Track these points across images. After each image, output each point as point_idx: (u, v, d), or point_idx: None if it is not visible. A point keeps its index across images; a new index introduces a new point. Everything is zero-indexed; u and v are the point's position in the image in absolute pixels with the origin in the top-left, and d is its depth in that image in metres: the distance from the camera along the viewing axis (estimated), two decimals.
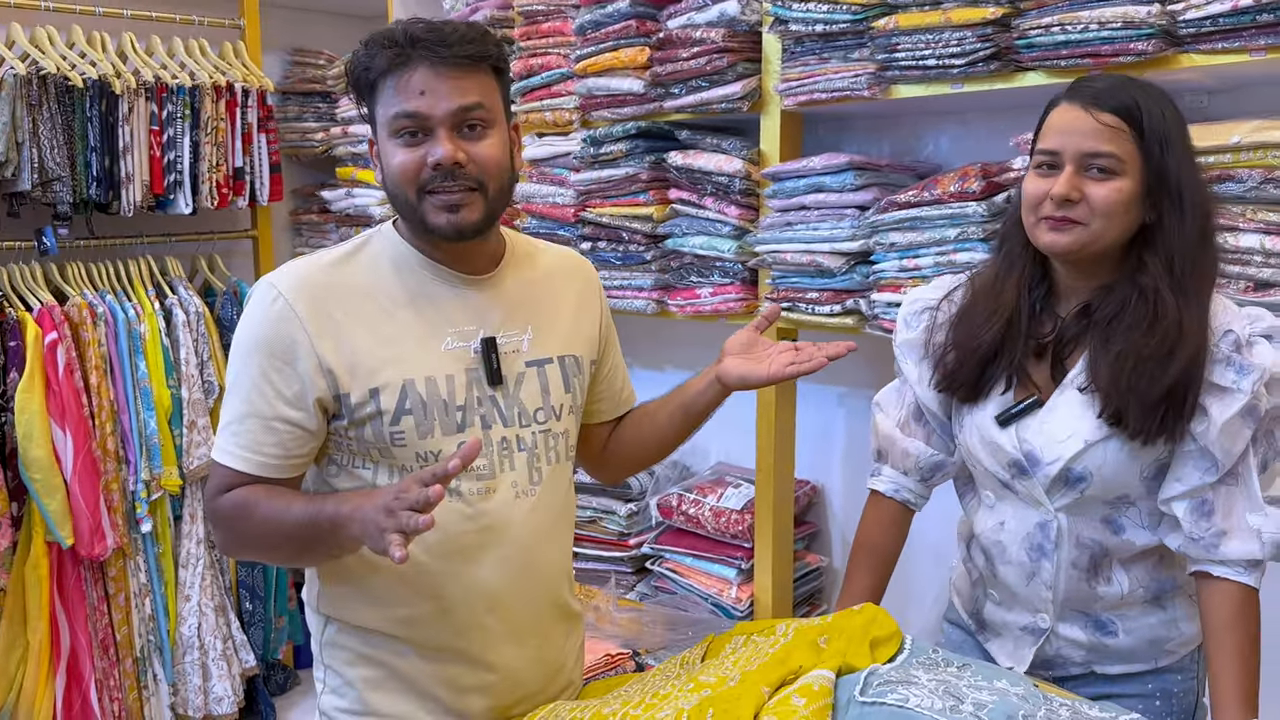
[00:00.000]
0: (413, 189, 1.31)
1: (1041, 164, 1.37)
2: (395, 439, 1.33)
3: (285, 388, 1.32)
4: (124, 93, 2.83)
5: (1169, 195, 1.33)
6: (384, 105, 1.31)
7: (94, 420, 2.76)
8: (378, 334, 1.34)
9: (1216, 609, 1.36)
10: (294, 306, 1.32)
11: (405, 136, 1.30)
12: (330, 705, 1.44)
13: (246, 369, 1.34)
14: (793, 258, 2.18)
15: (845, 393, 2.59)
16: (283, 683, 3.41)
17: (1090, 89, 1.35)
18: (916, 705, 1.12)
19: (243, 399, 1.34)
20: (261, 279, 1.36)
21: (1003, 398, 1.45)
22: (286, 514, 1.30)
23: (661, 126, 2.47)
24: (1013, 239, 1.46)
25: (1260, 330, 1.36)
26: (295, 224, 3.78)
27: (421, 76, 1.28)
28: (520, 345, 1.42)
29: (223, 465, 1.35)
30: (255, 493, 1.33)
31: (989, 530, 1.51)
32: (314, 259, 1.40)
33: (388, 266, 1.39)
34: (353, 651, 1.41)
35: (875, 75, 2.00)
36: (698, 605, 2.55)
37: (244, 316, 1.36)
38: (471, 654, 1.39)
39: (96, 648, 2.82)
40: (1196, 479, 1.36)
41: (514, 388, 1.40)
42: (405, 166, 1.30)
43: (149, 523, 2.88)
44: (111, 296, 2.88)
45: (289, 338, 1.32)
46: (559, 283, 1.51)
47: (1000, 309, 1.43)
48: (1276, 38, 1.55)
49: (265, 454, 1.34)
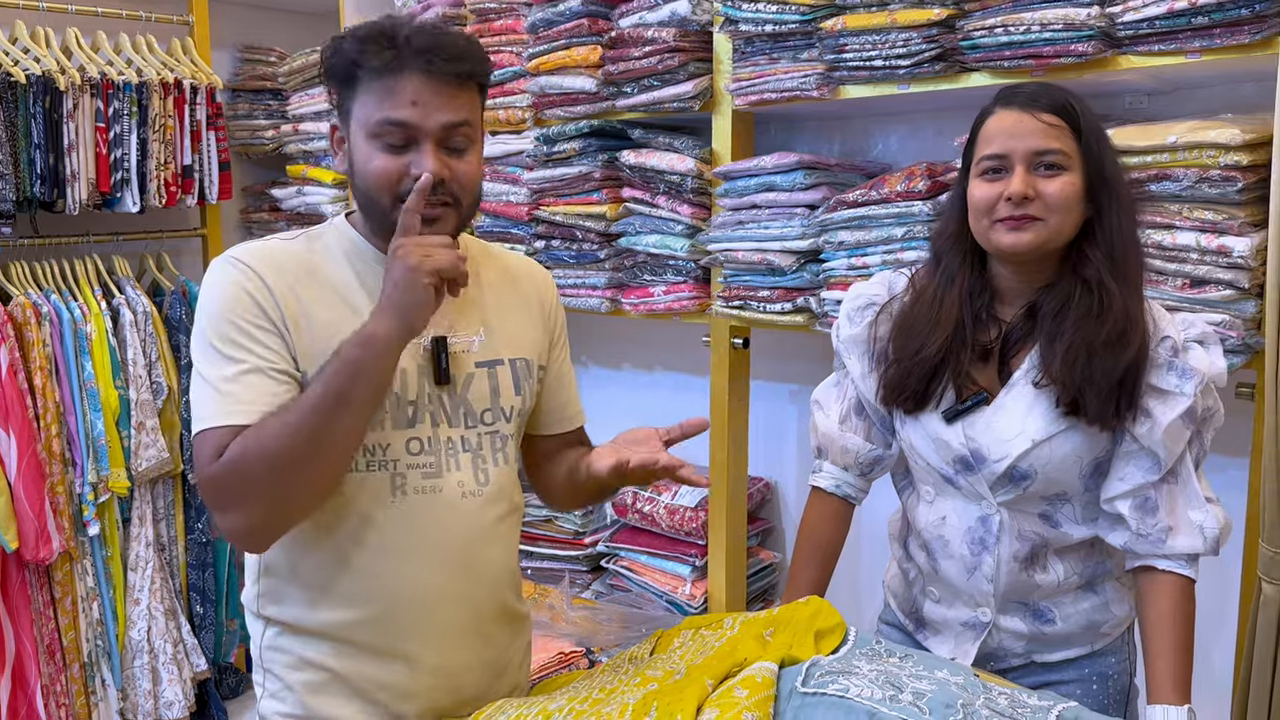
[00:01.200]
0: (389, 197, 1.28)
1: (987, 170, 1.39)
2: None
3: (273, 343, 1.28)
4: (68, 89, 2.79)
5: (1107, 188, 1.37)
6: (367, 105, 1.27)
7: (39, 422, 2.72)
8: (334, 321, 1.31)
9: (1157, 600, 1.40)
10: (263, 277, 1.30)
11: (388, 142, 1.27)
12: (270, 710, 1.42)
13: (227, 331, 1.27)
14: (744, 256, 2.19)
15: (797, 390, 2.61)
16: (235, 686, 3.38)
17: (1024, 93, 1.39)
18: (857, 695, 1.14)
19: (229, 359, 1.27)
20: (220, 257, 1.33)
21: (947, 397, 1.47)
22: (299, 404, 1.22)
23: (614, 125, 2.47)
24: (949, 253, 1.48)
25: (1193, 336, 1.41)
26: (245, 222, 3.73)
27: (415, 86, 1.25)
28: (471, 345, 1.40)
29: (221, 427, 1.24)
30: (248, 430, 1.23)
31: (930, 525, 1.54)
32: (270, 241, 1.37)
33: (342, 259, 1.37)
34: (293, 655, 1.38)
35: (824, 76, 2.02)
36: (652, 603, 2.56)
37: (210, 287, 1.31)
38: (412, 656, 1.37)
39: (43, 653, 2.77)
40: (1140, 478, 1.39)
41: (461, 388, 1.39)
42: (385, 173, 1.27)
43: (96, 525, 2.84)
44: (57, 296, 2.83)
45: (263, 303, 1.29)
46: (513, 287, 1.50)
47: (943, 321, 1.45)
48: (1211, 40, 1.59)
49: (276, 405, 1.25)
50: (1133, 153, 1.66)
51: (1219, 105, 1.85)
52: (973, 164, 1.42)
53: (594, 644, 2.32)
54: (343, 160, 1.35)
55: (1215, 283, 1.63)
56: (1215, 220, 1.61)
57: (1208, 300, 1.63)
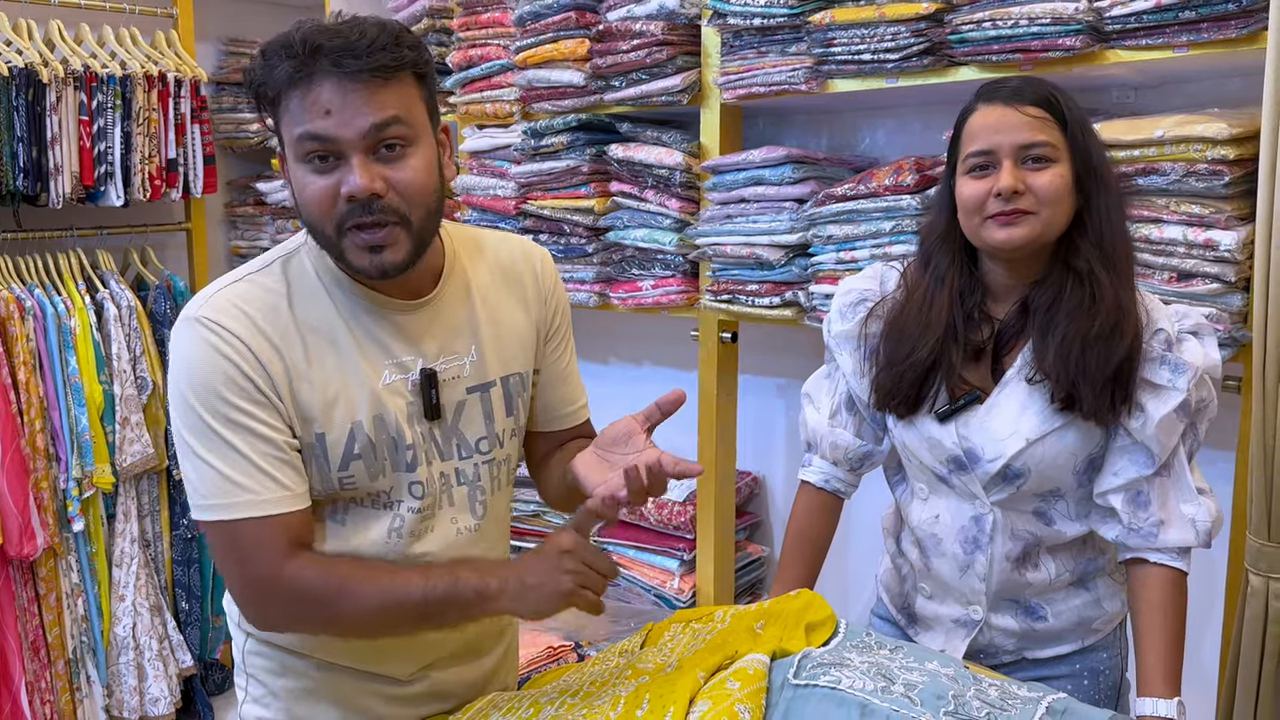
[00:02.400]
0: (330, 224, 1.16)
1: (974, 167, 1.38)
2: (344, 484, 1.24)
3: (269, 416, 1.19)
4: (51, 82, 2.76)
5: (1094, 179, 1.37)
6: (288, 124, 1.15)
7: (23, 417, 2.70)
8: (322, 368, 1.21)
9: (1149, 593, 1.40)
10: (245, 342, 1.18)
11: (314, 161, 1.14)
12: (252, 715, 1.37)
13: (218, 407, 1.17)
14: (732, 250, 2.19)
15: (785, 384, 2.61)
16: (220, 682, 3.36)
17: (1006, 88, 1.38)
18: (848, 686, 1.14)
19: (230, 442, 1.17)
20: (189, 316, 1.20)
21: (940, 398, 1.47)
22: (407, 591, 1.18)
23: (602, 119, 2.47)
24: (940, 254, 1.47)
25: (1187, 327, 1.40)
26: (230, 216, 3.71)
27: (328, 92, 1.11)
28: (462, 370, 1.31)
29: (265, 517, 1.17)
30: (343, 571, 1.20)
31: (924, 523, 1.54)
32: (233, 286, 1.23)
33: (319, 287, 1.24)
34: (276, 661, 1.34)
35: (812, 69, 2.02)
36: (641, 597, 2.56)
37: (186, 356, 1.19)
38: (398, 675, 1.34)
39: (27, 650, 2.75)
40: (1133, 472, 1.39)
41: (453, 419, 1.30)
42: (318, 198, 1.15)
43: (81, 521, 2.82)
44: (40, 290, 2.81)
45: (250, 373, 1.18)
46: (506, 285, 1.38)
47: (933, 323, 1.44)
48: (1198, 35, 1.59)
49: (296, 485, 1.21)
50: (1120, 147, 1.66)
51: (1206, 99, 1.86)
52: (959, 162, 1.41)
53: (582, 638, 2.32)
54: (291, 193, 1.21)
55: (1202, 276, 1.64)
56: (1202, 214, 1.62)
57: (1195, 294, 1.64)
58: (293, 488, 1.20)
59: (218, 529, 1.19)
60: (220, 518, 1.18)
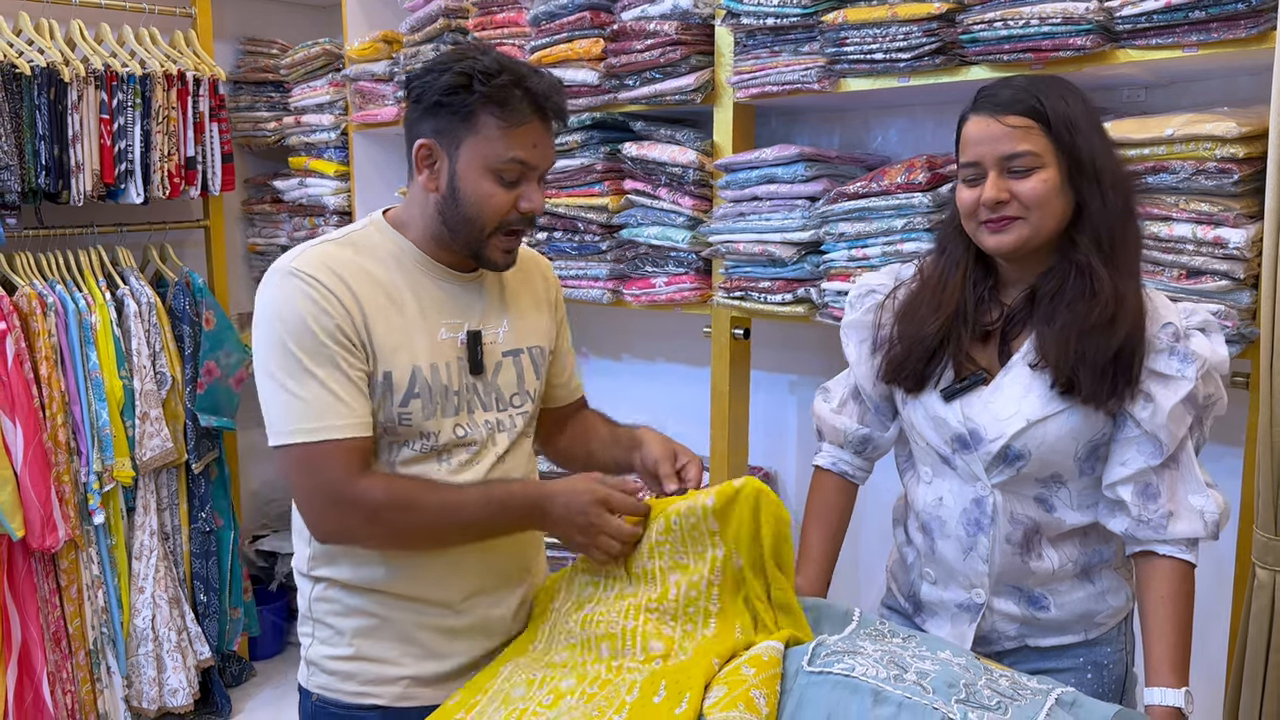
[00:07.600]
0: (494, 224, 1.42)
1: (967, 176, 1.44)
2: (402, 419, 1.43)
3: (357, 357, 1.40)
4: (73, 80, 2.80)
5: (1086, 176, 1.40)
6: (486, 140, 1.39)
7: (44, 411, 2.74)
8: (388, 320, 1.43)
9: (1158, 585, 1.42)
10: (332, 291, 1.38)
11: (504, 178, 1.41)
12: (320, 654, 1.53)
13: (310, 343, 1.36)
14: (745, 248, 2.22)
15: (797, 380, 2.64)
16: (238, 674, 3.40)
17: (994, 99, 1.41)
18: (862, 674, 1.16)
19: (316, 372, 1.36)
20: (280, 269, 1.40)
21: (947, 376, 1.50)
22: (461, 502, 1.42)
23: (616, 117, 2.49)
24: (953, 242, 1.52)
25: (1195, 323, 1.43)
26: (248, 214, 3.75)
27: (537, 129, 1.41)
28: (497, 337, 1.54)
29: (353, 438, 1.38)
30: (408, 486, 1.41)
31: (928, 506, 1.57)
32: (321, 245, 1.45)
33: (390, 262, 1.47)
34: (343, 604, 1.51)
35: (825, 69, 2.04)
36: None
37: (280, 302, 1.38)
38: (452, 600, 1.50)
39: (48, 640, 2.79)
40: (1141, 463, 1.41)
41: (492, 375, 1.53)
42: (497, 204, 1.41)
43: (101, 514, 2.86)
44: (61, 287, 2.85)
45: (338, 319, 1.38)
46: (526, 282, 1.63)
47: (944, 303, 1.50)
48: (1208, 34, 1.61)
49: (367, 415, 1.40)
50: (1130, 145, 1.68)
51: (1216, 98, 1.88)
52: (958, 167, 1.47)
53: None
54: (431, 180, 1.43)
55: (1211, 273, 1.65)
56: (1211, 212, 1.64)
57: (1204, 291, 1.66)
58: (365, 417, 1.40)
59: (300, 451, 1.37)
60: (304, 440, 1.36)
